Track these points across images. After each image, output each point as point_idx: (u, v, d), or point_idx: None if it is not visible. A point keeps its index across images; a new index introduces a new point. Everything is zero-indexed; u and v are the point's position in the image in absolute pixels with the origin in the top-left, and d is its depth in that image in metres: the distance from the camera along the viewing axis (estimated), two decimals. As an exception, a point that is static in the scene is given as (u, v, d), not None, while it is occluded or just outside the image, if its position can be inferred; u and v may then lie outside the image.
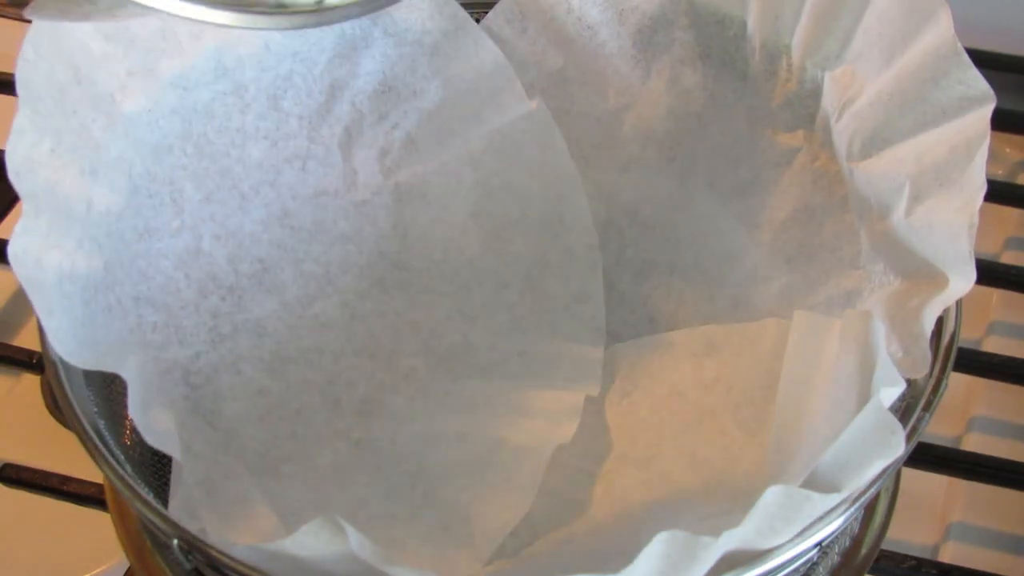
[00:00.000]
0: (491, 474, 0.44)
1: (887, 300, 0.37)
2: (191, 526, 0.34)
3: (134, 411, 0.36)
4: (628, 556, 0.29)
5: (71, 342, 0.36)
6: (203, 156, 0.45)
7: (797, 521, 0.32)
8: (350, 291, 0.49)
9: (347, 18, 0.33)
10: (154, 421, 0.37)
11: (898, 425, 0.33)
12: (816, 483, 0.33)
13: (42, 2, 0.31)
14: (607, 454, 0.45)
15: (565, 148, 0.49)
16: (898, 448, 0.33)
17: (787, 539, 0.33)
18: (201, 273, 0.45)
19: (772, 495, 0.31)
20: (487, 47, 0.48)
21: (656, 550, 0.30)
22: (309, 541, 0.30)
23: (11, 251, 0.34)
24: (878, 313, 0.37)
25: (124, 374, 0.37)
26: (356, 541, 0.29)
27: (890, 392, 0.34)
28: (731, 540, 0.31)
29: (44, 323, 0.35)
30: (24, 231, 0.35)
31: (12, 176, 0.35)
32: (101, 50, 0.40)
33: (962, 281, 0.35)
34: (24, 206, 0.35)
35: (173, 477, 0.38)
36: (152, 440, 0.36)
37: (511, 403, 0.47)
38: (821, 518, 0.33)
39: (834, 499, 0.32)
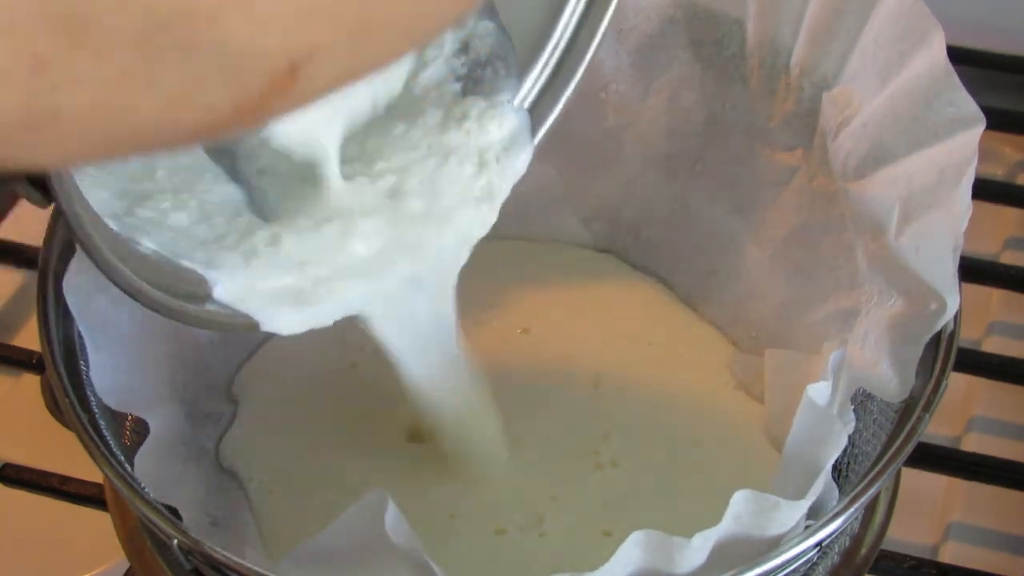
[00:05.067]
0: None
1: (882, 321, 0.38)
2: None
3: (141, 458, 0.38)
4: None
5: (109, 381, 0.38)
6: None
7: (769, 526, 0.33)
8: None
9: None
10: (160, 471, 0.38)
11: (835, 418, 0.35)
12: (783, 492, 0.34)
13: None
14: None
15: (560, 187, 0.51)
16: (842, 440, 0.35)
17: (766, 540, 0.33)
18: (227, 334, 0.46)
19: (741, 500, 0.32)
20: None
21: (631, 550, 0.31)
22: (355, 520, 0.30)
23: (66, 285, 0.37)
24: (874, 334, 0.38)
25: (151, 422, 0.39)
26: (393, 518, 0.30)
27: (817, 388, 0.36)
28: (705, 542, 0.31)
29: (90, 357, 0.38)
30: (79, 270, 0.38)
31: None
32: None
33: (948, 303, 0.36)
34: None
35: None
36: (153, 490, 0.37)
37: None
38: (826, 519, 0.33)
39: (802, 506, 0.33)
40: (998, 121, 0.37)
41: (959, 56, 0.37)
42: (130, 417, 0.40)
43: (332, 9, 0.18)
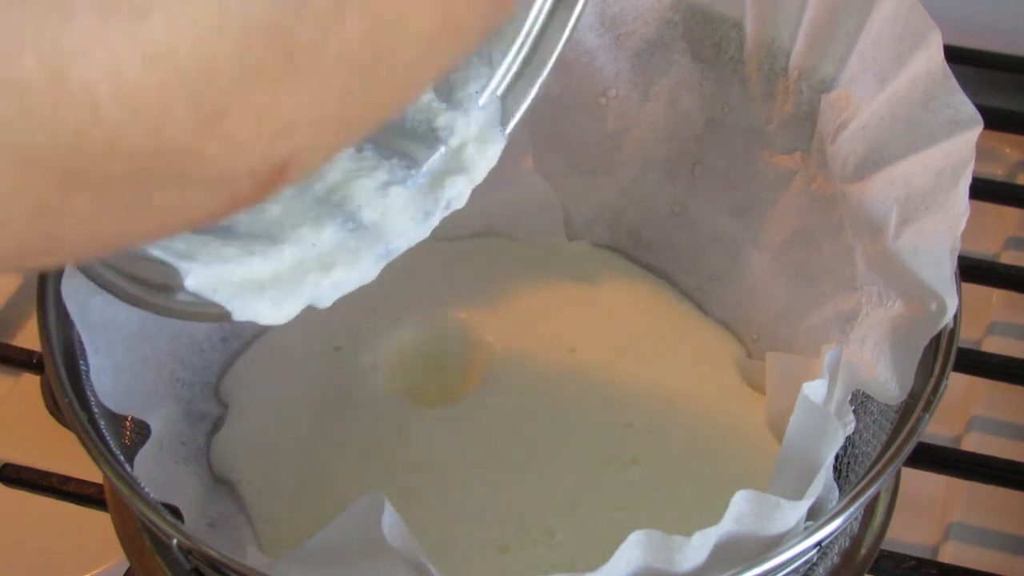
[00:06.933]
0: None
1: (882, 323, 0.38)
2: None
3: (141, 459, 0.38)
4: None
5: (109, 384, 0.38)
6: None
7: (770, 527, 0.33)
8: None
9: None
10: (160, 471, 0.39)
11: (831, 415, 0.35)
12: (782, 491, 0.35)
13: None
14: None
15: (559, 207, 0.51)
16: (839, 437, 0.35)
17: (766, 539, 0.33)
18: (225, 332, 0.47)
19: (741, 499, 0.32)
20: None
21: (631, 549, 0.31)
22: (352, 522, 0.31)
23: (63, 289, 0.37)
24: (873, 336, 0.38)
25: (152, 423, 0.39)
26: (390, 521, 0.30)
27: (813, 386, 0.36)
28: (705, 542, 0.31)
29: (90, 360, 0.38)
30: (76, 273, 0.37)
31: None
32: None
33: (948, 304, 0.36)
34: None
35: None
36: (154, 490, 0.37)
37: None
38: (826, 519, 0.33)
39: (803, 506, 0.33)
40: (998, 121, 0.37)
41: (958, 56, 0.37)
42: (130, 417, 0.40)
43: (309, 120, 0.20)
